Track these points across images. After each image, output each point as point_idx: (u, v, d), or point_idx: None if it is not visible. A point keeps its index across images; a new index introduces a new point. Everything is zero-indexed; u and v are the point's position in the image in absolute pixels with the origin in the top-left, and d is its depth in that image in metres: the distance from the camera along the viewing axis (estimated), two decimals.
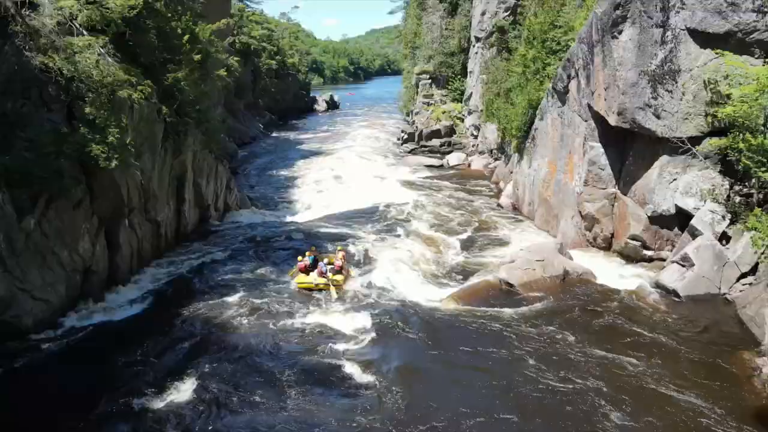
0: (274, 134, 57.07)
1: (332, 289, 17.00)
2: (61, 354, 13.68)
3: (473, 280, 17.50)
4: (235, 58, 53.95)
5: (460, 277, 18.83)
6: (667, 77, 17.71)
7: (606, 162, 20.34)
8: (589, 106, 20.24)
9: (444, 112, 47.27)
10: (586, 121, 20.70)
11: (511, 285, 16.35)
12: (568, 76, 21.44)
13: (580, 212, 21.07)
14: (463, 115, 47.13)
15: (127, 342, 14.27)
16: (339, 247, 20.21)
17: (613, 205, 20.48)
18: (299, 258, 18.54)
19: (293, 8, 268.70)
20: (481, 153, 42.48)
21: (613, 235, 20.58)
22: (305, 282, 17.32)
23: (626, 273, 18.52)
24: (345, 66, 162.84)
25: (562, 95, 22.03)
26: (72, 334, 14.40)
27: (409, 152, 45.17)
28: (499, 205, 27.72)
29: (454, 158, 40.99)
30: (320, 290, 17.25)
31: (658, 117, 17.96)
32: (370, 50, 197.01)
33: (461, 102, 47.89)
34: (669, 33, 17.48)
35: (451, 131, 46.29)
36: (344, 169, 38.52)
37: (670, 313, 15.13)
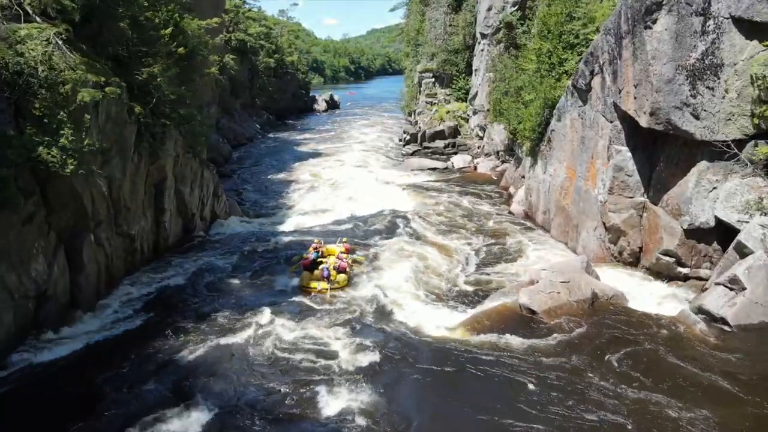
0: (271, 135, 54.80)
1: (328, 293, 16.56)
2: (8, 398, 11.49)
3: (488, 304, 15.25)
4: (231, 56, 51.84)
5: (473, 297, 16.62)
6: (708, 72, 15.45)
7: (634, 168, 18.11)
8: (616, 106, 18.01)
9: (448, 112, 45.05)
10: (611, 122, 18.45)
11: (533, 312, 14.10)
12: (591, 72, 19.20)
13: (603, 223, 18.85)
14: (468, 115, 44.92)
15: (89, 380, 12.08)
16: (344, 240, 19.55)
17: (641, 216, 18.25)
18: (303, 255, 18.07)
19: (292, 5, 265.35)
20: (487, 155, 40.28)
21: (641, 249, 18.35)
22: (308, 285, 16.88)
23: (660, 294, 16.29)
24: (346, 65, 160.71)
25: (584, 93, 19.78)
26: (21, 374, 12.19)
27: (412, 154, 42.93)
28: (510, 212, 25.46)
29: (459, 160, 38.75)
30: (322, 293, 16.71)
31: (696, 117, 15.72)
32: (371, 50, 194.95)
33: (466, 101, 45.70)
34: (711, 22, 15.23)
35: (455, 132, 44.07)
36: (343, 171, 36.29)
37: (720, 347, 12.86)
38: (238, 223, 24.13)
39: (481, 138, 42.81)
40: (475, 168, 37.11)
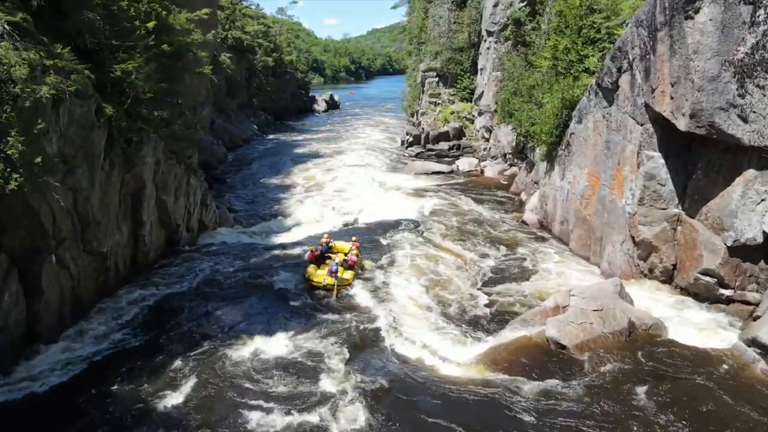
0: (269, 136, 52.75)
1: (335, 291, 16.21)
2: None
3: (509, 334, 13.25)
4: (228, 55, 49.80)
5: (490, 323, 14.61)
6: (759, 69, 13.40)
7: (667, 176, 16.11)
8: (647, 107, 16.00)
9: (452, 113, 43.09)
10: (641, 124, 16.45)
11: (562, 346, 12.11)
12: (619, 70, 17.19)
13: (632, 237, 16.85)
14: (473, 116, 42.94)
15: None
16: (354, 239, 18.96)
17: (675, 230, 16.26)
18: (311, 248, 17.95)
19: (291, 3, 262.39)
20: (494, 157, 38.28)
21: (675, 266, 16.36)
22: (314, 279, 16.63)
23: (702, 320, 14.30)
24: (346, 65, 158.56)
25: (610, 93, 17.77)
26: None
27: (415, 156, 40.94)
28: (523, 222, 23.43)
29: (464, 163, 36.72)
30: (327, 289, 16.41)
31: (744, 120, 13.70)
32: (371, 49, 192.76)
33: (471, 102, 43.71)
34: (761, 11, 13.19)
35: (460, 133, 42.11)
36: (344, 175, 34.25)
37: None
38: (230, 233, 22.12)
39: (487, 140, 40.81)
40: (482, 172, 35.06)
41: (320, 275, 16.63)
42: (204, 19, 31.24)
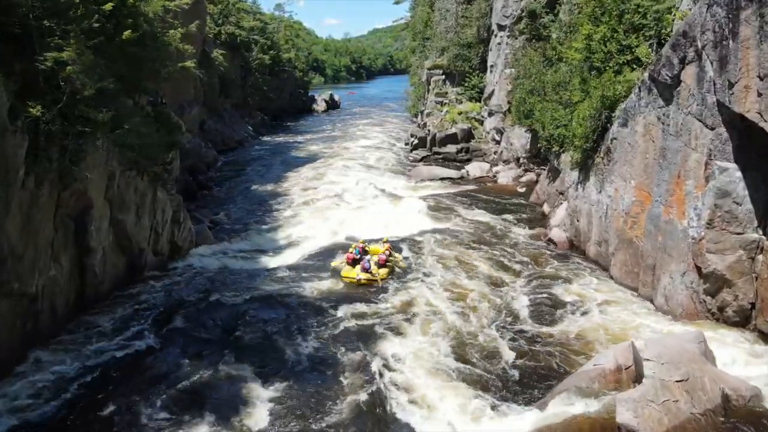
0: (265, 137, 49.28)
1: (379, 279, 16.75)
2: None
3: (558, 409, 9.81)
4: (221, 51, 46.49)
5: (526, 389, 11.21)
6: None
7: (745, 193, 12.75)
8: (722, 106, 12.59)
9: (460, 113, 39.63)
10: (712, 128, 13.05)
11: None
12: (682, 60, 13.75)
13: (697, 268, 13.47)
14: (483, 117, 39.52)
15: None
16: (384, 239, 19.10)
17: (753, 260, 12.91)
18: (350, 249, 18.12)
19: None
20: (506, 162, 34.87)
21: (753, 305, 13.01)
22: (349, 275, 17.02)
23: None
24: (347, 65, 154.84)
25: (668, 89, 14.34)
26: None
27: (420, 160, 37.54)
28: (549, 240, 20.00)
29: (475, 168, 33.30)
30: (362, 284, 16.69)
31: None
32: (372, 49, 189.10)
33: (480, 101, 40.30)
34: None
35: (468, 136, 38.66)
36: (343, 181, 30.80)
37: None
38: (209, 254, 18.71)
39: (498, 142, 37.39)
40: (495, 178, 31.66)
41: (354, 273, 17.01)
42: (187, 9, 27.99)
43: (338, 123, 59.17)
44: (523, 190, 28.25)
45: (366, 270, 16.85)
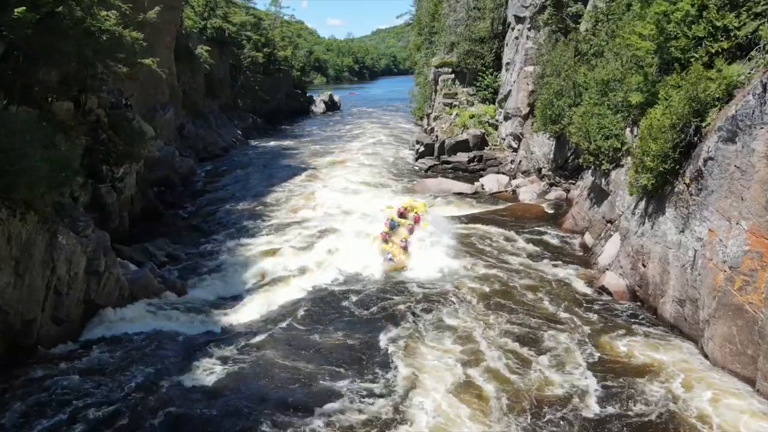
0: (254, 142, 44.15)
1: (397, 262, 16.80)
2: None
3: None
4: (205, 48, 41.48)
5: None
6: None
7: None
8: None
9: (472, 117, 34.53)
10: None
11: None
12: None
13: None
14: (498, 121, 34.42)
15: None
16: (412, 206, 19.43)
17: None
18: (384, 229, 17.99)
19: None
20: (525, 173, 29.82)
21: None
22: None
23: None
24: (349, 65, 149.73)
25: None
26: None
27: (427, 170, 32.47)
28: (602, 289, 14.89)
29: (491, 182, 28.22)
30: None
31: None
32: (375, 49, 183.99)
33: (494, 103, 35.20)
34: None
35: (481, 142, 33.54)
36: (337, 197, 25.76)
37: None
38: (147, 312, 13.59)
39: (515, 150, 32.34)
40: (515, 193, 26.57)
41: (386, 248, 17.37)
42: None
43: (337, 126, 54.10)
44: (551, 210, 23.16)
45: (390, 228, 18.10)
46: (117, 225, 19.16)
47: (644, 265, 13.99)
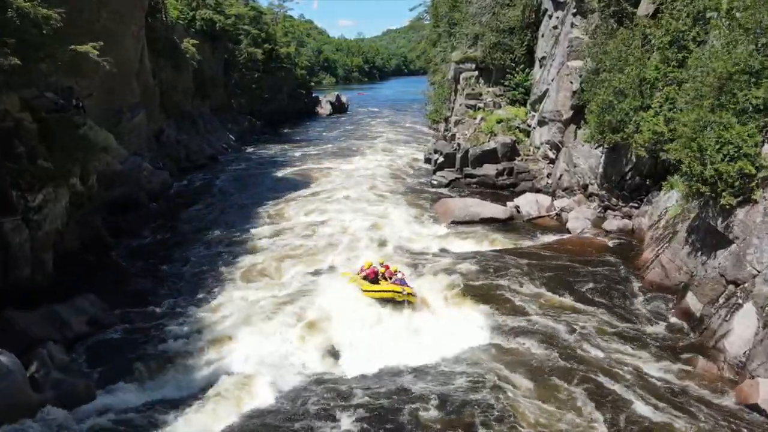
0: (249, 149, 38.57)
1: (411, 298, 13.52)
2: None
3: None
4: (193, 41, 35.99)
5: None
6: None
7: None
8: None
9: (500, 121, 28.71)
10: None
11: None
12: None
13: None
14: (530, 126, 28.65)
15: None
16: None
17: None
18: (366, 263, 14.39)
19: None
20: (568, 191, 24.07)
21: None
22: (375, 289, 13.59)
23: None
24: (359, 65, 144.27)
25: None
26: None
27: (448, 185, 26.83)
28: (751, 408, 9.12)
29: (529, 204, 22.46)
30: (395, 300, 13.25)
31: None
32: (386, 49, 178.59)
33: (525, 105, 29.45)
34: None
35: (512, 152, 27.77)
36: (339, 226, 20.15)
37: None
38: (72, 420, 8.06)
39: (552, 161, 26.62)
40: (562, 219, 20.77)
41: (391, 287, 13.48)
42: None
43: (343, 129, 48.57)
44: (616, 248, 17.30)
45: (403, 284, 13.65)
46: (29, 274, 13.72)
47: None
